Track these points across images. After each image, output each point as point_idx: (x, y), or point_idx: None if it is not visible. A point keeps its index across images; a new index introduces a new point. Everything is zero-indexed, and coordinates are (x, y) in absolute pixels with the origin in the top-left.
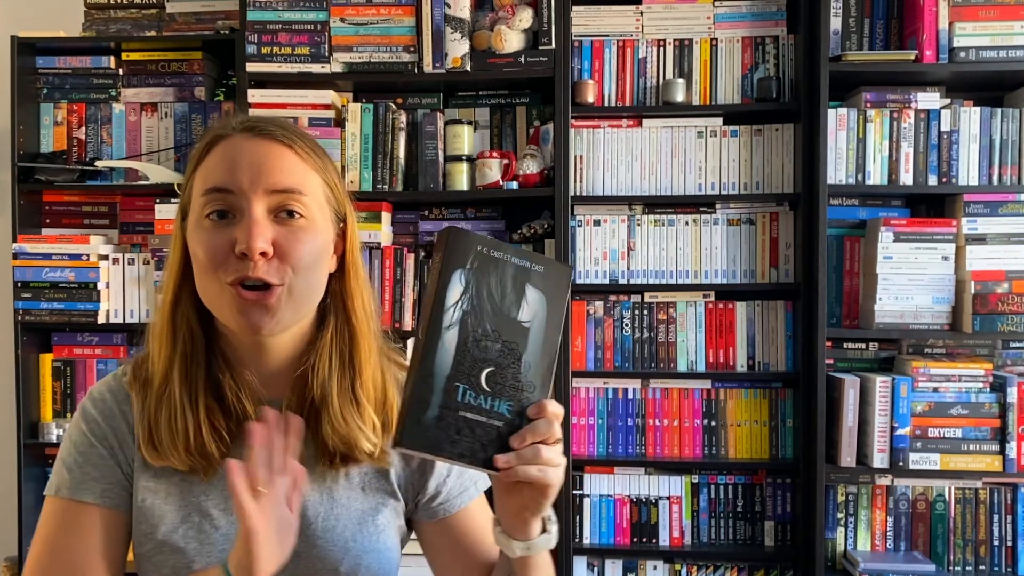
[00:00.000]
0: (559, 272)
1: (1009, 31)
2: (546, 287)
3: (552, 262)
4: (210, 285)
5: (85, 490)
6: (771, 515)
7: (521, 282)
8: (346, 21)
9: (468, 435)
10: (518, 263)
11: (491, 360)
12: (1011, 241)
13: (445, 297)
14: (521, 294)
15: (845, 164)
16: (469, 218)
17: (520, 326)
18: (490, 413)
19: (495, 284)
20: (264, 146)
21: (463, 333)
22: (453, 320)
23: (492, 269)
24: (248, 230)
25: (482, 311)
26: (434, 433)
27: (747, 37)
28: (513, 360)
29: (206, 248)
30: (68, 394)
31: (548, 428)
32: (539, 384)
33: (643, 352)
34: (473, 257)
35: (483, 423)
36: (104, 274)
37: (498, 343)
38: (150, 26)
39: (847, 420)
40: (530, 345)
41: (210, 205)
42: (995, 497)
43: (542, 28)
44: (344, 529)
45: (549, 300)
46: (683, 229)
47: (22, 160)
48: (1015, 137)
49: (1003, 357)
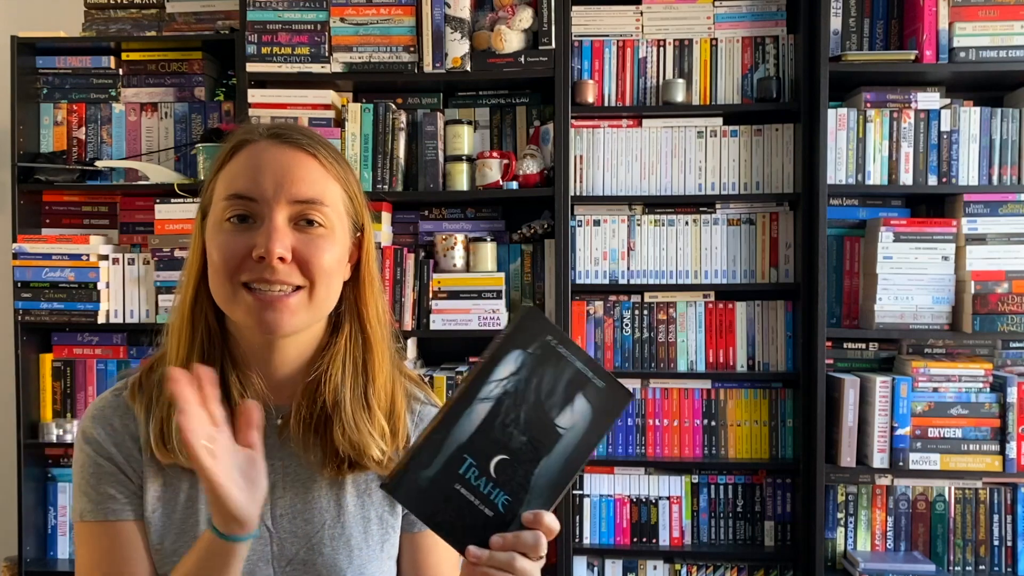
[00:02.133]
0: (617, 394)
1: (1009, 31)
2: (598, 403)
3: (614, 383)
4: (224, 287)
5: (107, 510)
6: (771, 515)
7: (575, 388)
8: (346, 21)
9: (454, 509)
10: (580, 368)
11: (510, 449)
12: (1011, 241)
13: (493, 370)
14: (570, 400)
15: (845, 164)
16: (469, 218)
17: (555, 429)
18: (485, 499)
19: (548, 378)
20: (289, 154)
21: (494, 411)
22: (490, 394)
23: (552, 363)
24: (268, 236)
25: (523, 399)
26: (423, 493)
27: (747, 37)
28: (532, 459)
29: (223, 251)
30: (68, 394)
31: (534, 541)
32: (547, 493)
33: (643, 352)
34: (538, 345)
35: (474, 505)
36: (104, 274)
37: (524, 436)
38: (150, 26)
39: (847, 420)
40: (556, 451)
41: (231, 209)
42: (995, 497)
43: (542, 28)
44: (351, 537)
45: (595, 417)
46: (683, 229)
47: (22, 160)
48: (1015, 137)
49: (1003, 357)
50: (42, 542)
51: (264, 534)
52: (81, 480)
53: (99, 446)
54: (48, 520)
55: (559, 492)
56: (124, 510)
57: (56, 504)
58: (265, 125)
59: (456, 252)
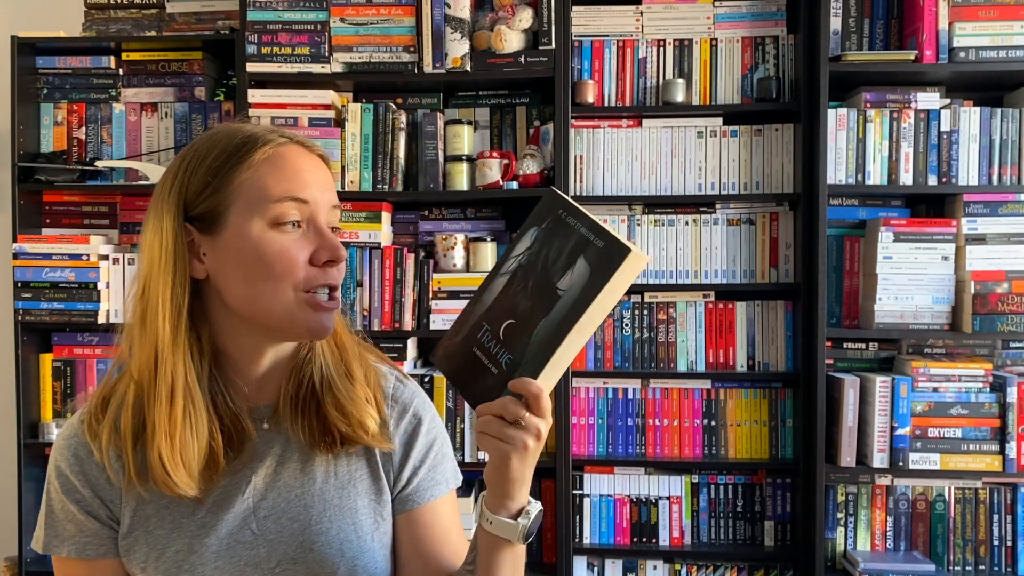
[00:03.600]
0: (615, 251)
1: (1009, 31)
2: (596, 262)
3: (615, 241)
4: (282, 292)
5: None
6: (771, 515)
7: (577, 252)
8: (346, 21)
9: (470, 369)
10: (584, 233)
11: (516, 314)
12: (1011, 241)
13: (513, 248)
14: (571, 263)
15: (845, 164)
16: (469, 218)
17: (555, 291)
18: (493, 359)
19: (556, 247)
20: (317, 161)
21: (509, 283)
22: (508, 269)
23: (561, 232)
24: (334, 242)
25: (533, 268)
26: (452, 357)
27: (747, 37)
28: (533, 320)
29: (287, 256)
30: (68, 394)
31: (500, 408)
32: (542, 350)
33: (643, 352)
34: (550, 220)
35: (484, 365)
36: (104, 274)
37: (529, 301)
38: (150, 26)
39: (847, 420)
40: (554, 311)
41: (291, 214)
42: (995, 497)
43: (542, 28)
44: (340, 530)
45: (593, 274)
46: (683, 229)
47: (22, 160)
48: (1015, 137)
49: (1003, 357)
50: None
51: (248, 538)
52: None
53: (66, 480)
54: None
55: (552, 348)
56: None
57: None
58: (276, 129)
59: (456, 252)
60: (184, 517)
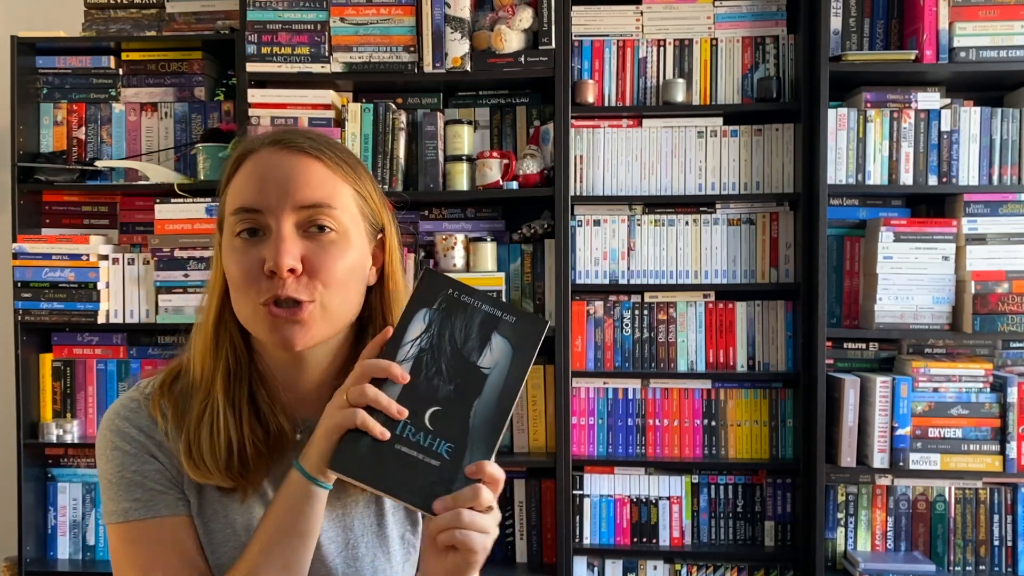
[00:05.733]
0: (532, 325)
1: (1009, 31)
2: (515, 338)
3: (527, 315)
4: (244, 304)
5: (159, 505)
6: (771, 515)
7: (488, 329)
8: (346, 21)
9: (402, 470)
10: (488, 310)
11: (439, 400)
12: (1011, 241)
13: (404, 333)
14: (486, 341)
15: (845, 164)
16: (469, 218)
17: (478, 370)
18: (428, 452)
19: (459, 327)
20: (292, 159)
21: (416, 369)
22: (408, 356)
23: (459, 312)
24: (275, 248)
25: (440, 351)
26: (367, 462)
27: (747, 37)
28: (464, 403)
29: (238, 268)
30: (68, 394)
31: (474, 496)
32: (488, 432)
33: (643, 352)
34: (441, 299)
35: (419, 460)
36: (104, 274)
37: (451, 384)
38: (150, 26)
39: (847, 420)
40: (486, 391)
41: (240, 224)
42: (995, 497)
43: (542, 28)
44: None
45: (515, 351)
46: (683, 229)
47: (22, 160)
48: (1015, 137)
49: (1003, 357)
50: (42, 542)
51: None
52: (121, 478)
53: (136, 443)
54: (48, 520)
55: (499, 429)
56: (175, 507)
57: (56, 504)
58: (267, 133)
59: (456, 252)
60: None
